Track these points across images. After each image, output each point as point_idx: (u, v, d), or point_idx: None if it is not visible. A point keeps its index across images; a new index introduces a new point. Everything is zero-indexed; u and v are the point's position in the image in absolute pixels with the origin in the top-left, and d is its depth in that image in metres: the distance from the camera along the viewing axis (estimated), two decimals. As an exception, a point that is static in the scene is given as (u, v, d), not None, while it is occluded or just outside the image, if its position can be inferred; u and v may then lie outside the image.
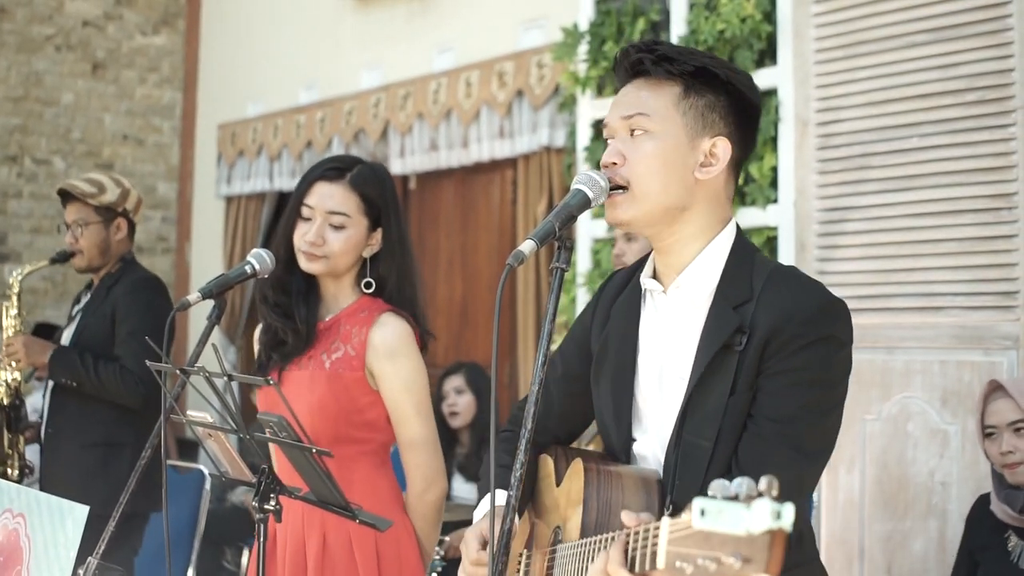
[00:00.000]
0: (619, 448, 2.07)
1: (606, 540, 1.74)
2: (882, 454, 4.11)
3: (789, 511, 1.27)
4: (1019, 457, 3.30)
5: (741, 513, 1.29)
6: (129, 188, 4.12)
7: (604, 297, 2.20)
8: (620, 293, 2.17)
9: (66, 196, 4.06)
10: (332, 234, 2.83)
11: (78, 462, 3.88)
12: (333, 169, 2.87)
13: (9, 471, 3.96)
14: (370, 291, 2.89)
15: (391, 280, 2.89)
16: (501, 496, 2.15)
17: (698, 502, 1.34)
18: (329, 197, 2.83)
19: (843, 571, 4.19)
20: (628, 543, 1.61)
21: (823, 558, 4.21)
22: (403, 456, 2.87)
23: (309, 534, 2.81)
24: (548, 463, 2.19)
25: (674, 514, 1.48)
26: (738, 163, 2.04)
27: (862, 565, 4.14)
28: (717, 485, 1.33)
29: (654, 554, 1.49)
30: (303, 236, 2.83)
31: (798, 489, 1.86)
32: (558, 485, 2.12)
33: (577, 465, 2.01)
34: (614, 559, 1.61)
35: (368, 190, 2.86)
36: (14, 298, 4.09)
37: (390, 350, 2.80)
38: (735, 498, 1.30)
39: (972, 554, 3.45)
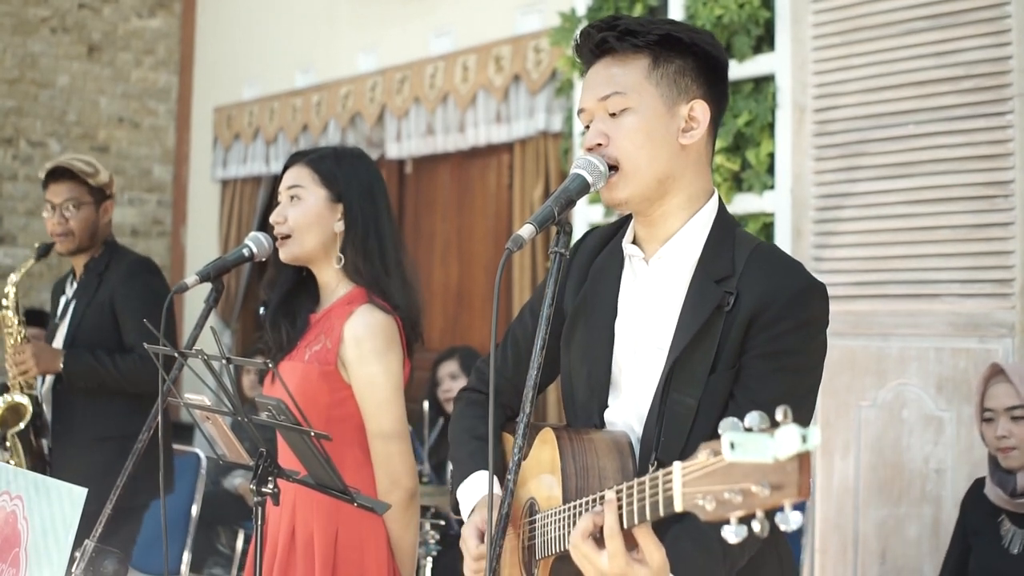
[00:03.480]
0: (589, 413, 2.08)
1: (590, 502, 1.75)
2: (877, 441, 4.12)
3: (815, 434, 1.28)
4: (1013, 442, 3.32)
5: (766, 442, 1.31)
6: (110, 172, 4.12)
7: (580, 256, 2.19)
8: (597, 254, 2.17)
9: (56, 176, 3.99)
10: (290, 209, 2.86)
11: (93, 457, 3.83)
12: (296, 155, 2.95)
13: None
14: (339, 266, 2.88)
15: (359, 257, 2.87)
16: (480, 476, 2.17)
17: (727, 436, 1.35)
18: (288, 178, 2.90)
19: (838, 556, 4.20)
20: (622, 501, 1.61)
21: (817, 544, 4.25)
22: (371, 451, 2.82)
23: (282, 527, 2.81)
24: (510, 440, 2.19)
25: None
26: (716, 121, 2.04)
27: (856, 551, 4.15)
28: (728, 423, 1.35)
29: (668, 500, 1.49)
30: (272, 220, 2.88)
31: None
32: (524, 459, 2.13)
33: (547, 434, 2.01)
34: (609, 523, 1.62)
35: (322, 164, 2.89)
36: (12, 303, 4.01)
37: (359, 344, 2.78)
38: (750, 430, 1.33)
39: (965, 537, 3.47)
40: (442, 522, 4.52)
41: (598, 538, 1.65)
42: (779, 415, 1.31)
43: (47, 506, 2.34)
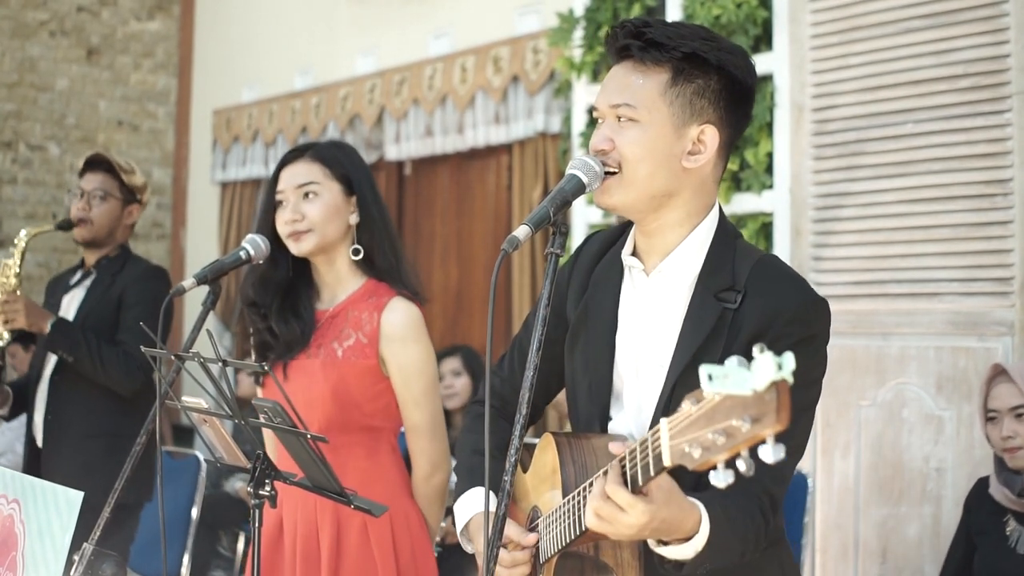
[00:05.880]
0: (591, 425, 2.08)
1: (587, 487, 1.76)
2: (877, 440, 4.12)
3: (789, 360, 1.28)
4: (1019, 442, 3.31)
5: (744, 374, 1.32)
6: (147, 182, 4.19)
7: (581, 262, 2.18)
8: (599, 260, 2.15)
9: (94, 165, 4.06)
10: (307, 205, 2.85)
11: (81, 452, 3.86)
12: (293, 152, 2.93)
13: None
14: (358, 257, 2.89)
15: (375, 247, 2.90)
16: (475, 493, 2.16)
17: (704, 368, 1.36)
18: (294, 175, 2.88)
19: (838, 556, 4.20)
20: (625, 466, 1.63)
21: (817, 543, 4.24)
22: (409, 440, 2.89)
23: (322, 523, 2.82)
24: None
25: None
26: (730, 144, 2.01)
27: (857, 550, 4.15)
28: (712, 366, 1.36)
29: (657, 457, 1.51)
30: (282, 220, 2.85)
31: (782, 485, 1.91)
32: (524, 472, 2.14)
33: (546, 439, 2.02)
34: (611, 479, 1.64)
35: (329, 157, 2.90)
36: (18, 256, 4.04)
37: (400, 336, 2.82)
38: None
39: (969, 537, 3.46)
40: (443, 524, 4.51)
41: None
42: (755, 350, 1.31)
43: (44, 510, 2.34)
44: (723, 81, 1.94)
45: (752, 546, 1.83)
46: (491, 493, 1.79)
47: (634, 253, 2.07)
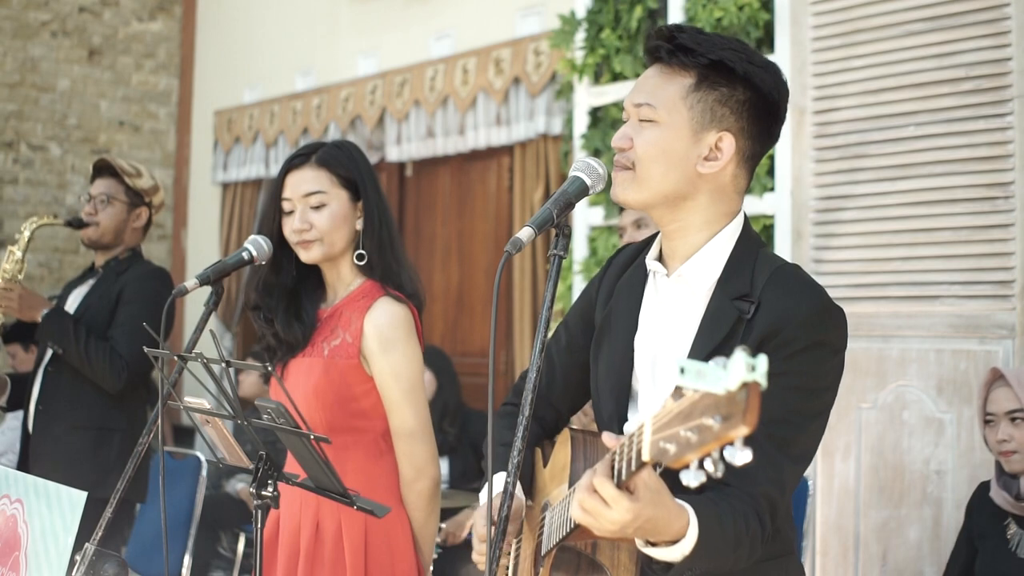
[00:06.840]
0: (612, 426, 2.08)
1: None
2: (877, 442, 4.12)
3: (763, 362, 1.29)
4: (1014, 446, 3.33)
5: (719, 373, 1.32)
6: (159, 185, 4.21)
7: (611, 270, 2.21)
8: (627, 269, 2.17)
9: (100, 170, 4.10)
10: (315, 215, 2.84)
11: (68, 443, 3.88)
12: (298, 157, 2.91)
13: None
14: (362, 263, 2.89)
15: (375, 249, 2.89)
16: (498, 478, 2.17)
17: (678, 361, 1.37)
18: (301, 182, 2.86)
19: (839, 558, 4.20)
20: (614, 461, 1.63)
21: (818, 546, 4.24)
22: (394, 444, 2.86)
23: (304, 521, 2.81)
24: (538, 452, 2.24)
25: None
26: (753, 157, 2.01)
27: (857, 553, 4.15)
28: (689, 361, 1.37)
29: (639, 452, 1.51)
30: (290, 228, 2.85)
31: (780, 489, 1.87)
32: (545, 467, 2.16)
33: (564, 435, 2.04)
34: (599, 472, 1.63)
35: (335, 163, 2.88)
36: (24, 242, 4.07)
37: (381, 337, 2.80)
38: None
39: (971, 541, 3.47)
40: (441, 525, 4.53)
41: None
42: (738, 351, 1.32)
43: (47, 510, 2.34)
44: (748, 93, 1.95)
45: (746, 550, 1.81)
46: (496, 491, 1.79)
47: (660, 259, 2.08)
